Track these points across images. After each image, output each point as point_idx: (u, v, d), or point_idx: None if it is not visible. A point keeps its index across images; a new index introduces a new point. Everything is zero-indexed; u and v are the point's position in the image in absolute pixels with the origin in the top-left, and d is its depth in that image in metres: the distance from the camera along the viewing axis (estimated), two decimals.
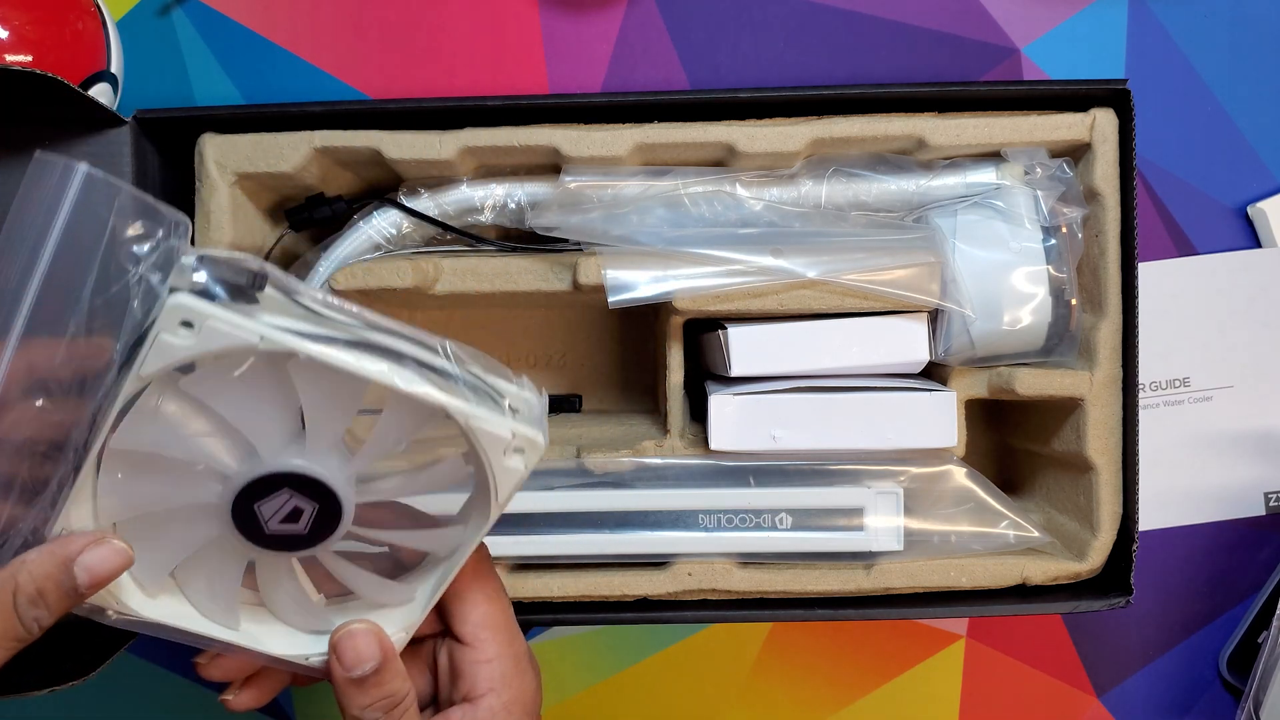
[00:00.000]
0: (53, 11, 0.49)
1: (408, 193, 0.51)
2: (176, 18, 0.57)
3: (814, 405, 0.48)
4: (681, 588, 0.49)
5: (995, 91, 0.48)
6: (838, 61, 0.57)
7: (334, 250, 0.50)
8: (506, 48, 0.57)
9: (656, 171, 0.50)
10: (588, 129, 0.48)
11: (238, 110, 0.49)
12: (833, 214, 0.49)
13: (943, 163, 0.50)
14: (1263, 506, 0.59)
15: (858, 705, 0.60)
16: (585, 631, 0.59)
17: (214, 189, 0.49)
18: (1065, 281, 0.48)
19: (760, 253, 0.47)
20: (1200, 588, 0.59)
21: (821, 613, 0.48)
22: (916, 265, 0.47)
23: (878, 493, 0.48)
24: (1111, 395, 0.48)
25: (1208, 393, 0.58)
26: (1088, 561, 0.49)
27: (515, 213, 0.50)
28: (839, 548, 0.48)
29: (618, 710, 0.60)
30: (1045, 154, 0.49)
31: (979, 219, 0.48)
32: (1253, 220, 0.57)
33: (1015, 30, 0.57)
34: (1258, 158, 0.58)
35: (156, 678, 0.60)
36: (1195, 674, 0.60)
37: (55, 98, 0.45)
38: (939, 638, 0.60)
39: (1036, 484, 0.56)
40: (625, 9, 0.57)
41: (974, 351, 0.49)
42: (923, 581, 0.49)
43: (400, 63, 0.57)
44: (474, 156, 0.49)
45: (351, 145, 0.48)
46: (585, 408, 0.60)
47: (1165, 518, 0.59)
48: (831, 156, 0.50)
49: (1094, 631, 0.60)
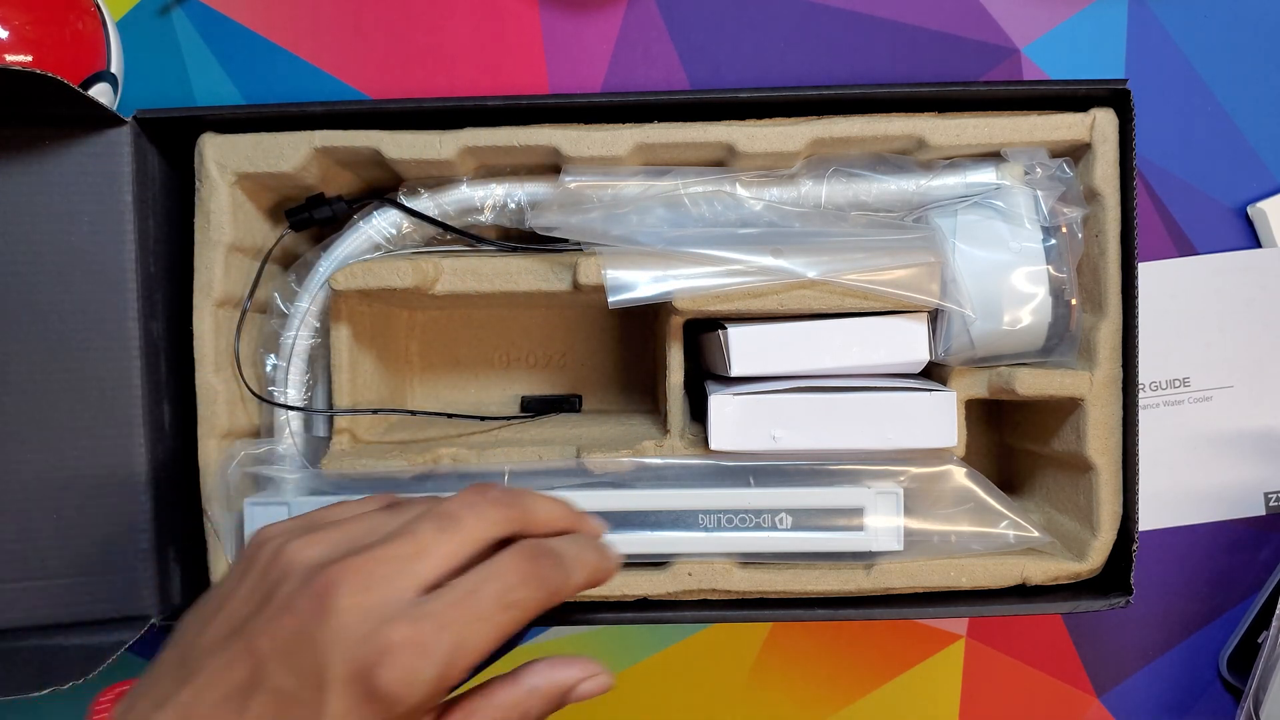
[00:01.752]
0: (53, 11, 0.49)
1: (408, 193, 0.51)
2: (176, 18, 0.57)
3: (814, 405, 0.48)
4: (681, 588, 0.49)
5: (995, 91, 0.48)
6: (838, 61, 0.57)
7: (334, 250, 0.50)
8: (506, 48, 0.57)
9: (656, 171, 0.50)
10: (588, 129, 0.48)
11: (238, 110, 0.49)
12: (833, 214, 0.49)
13: (943, 163, 0.50)
14: (1263, 506, 0.59)
15: (858, 705, 0.60)
16: (585, 631, 0.59)
17: (214, 189, 0.49)
18: (1065, 281, 0.48)
19: (760, 253, 0.47)
20: (1200, 588, 0.59)
21: (821, 613, 0.48)
22: (916, 265, 0.47)
23: (878, 493, 0.48)
24: (1111, 395, 0.48)
25: (1208, 393, 0.58)
26: (1088, 561, 0.49)
27: (515, 213, 0.50)
28: (839, 548, 0.48)
29: (618, 710, 0.60)
30: (1045, 154, 0.49)
31: (979, 219, 0.48)
32: (1253, 220, 0.57)
33: (1015, 30, 0.57)
34: (1258, 158, 0.58)
35: None
36: (1195, 674, 0.60)
37: (55, 98, 0.45)
38: (939, 638, 0.60)
39: (1036, 484, 0.56)
40: (625, 9, 0.57)
41: (974, 351, 0.49)
42: (923, 581, 0.49)
43: (400, 63, 0.57)
44: (474, 156, 0.49)
45: (351, 145, 0.48)
46: (585, 408, 0.60)
47: (1165, 518, 0.59)
48: (831, 156, 0.50)
49: (1094, 631, 0.60)
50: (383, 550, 0.31)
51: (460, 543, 0.32)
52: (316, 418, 0.52)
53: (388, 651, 0.29)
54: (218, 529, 0.49)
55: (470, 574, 0.32)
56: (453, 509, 0.33)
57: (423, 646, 0.29)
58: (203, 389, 0.49)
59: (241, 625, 0.31)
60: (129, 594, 0.48)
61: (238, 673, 0.30)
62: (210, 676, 0.30)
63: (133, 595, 0.48)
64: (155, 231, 0.49)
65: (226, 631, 0.31)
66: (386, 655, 0.29)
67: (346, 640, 0.29)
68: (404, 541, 0.31)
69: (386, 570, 0.31)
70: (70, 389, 0.47)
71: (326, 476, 0.50)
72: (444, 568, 0.31)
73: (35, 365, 0.47)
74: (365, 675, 0.29)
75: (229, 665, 0.30)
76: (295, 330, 0.51)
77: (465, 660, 0.30)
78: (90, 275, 0.47)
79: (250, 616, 0.31)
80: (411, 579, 0.31)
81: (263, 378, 0.52)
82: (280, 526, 0.34)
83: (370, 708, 0.29)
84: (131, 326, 0.48)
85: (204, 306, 0.49)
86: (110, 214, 0.48)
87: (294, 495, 0.48)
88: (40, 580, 0.48)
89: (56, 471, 0.47)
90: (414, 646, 0.29)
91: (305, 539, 0.32)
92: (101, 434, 0.48)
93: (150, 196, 0.49)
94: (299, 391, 0.51)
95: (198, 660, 0.31)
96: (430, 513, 0.33)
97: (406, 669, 0.29)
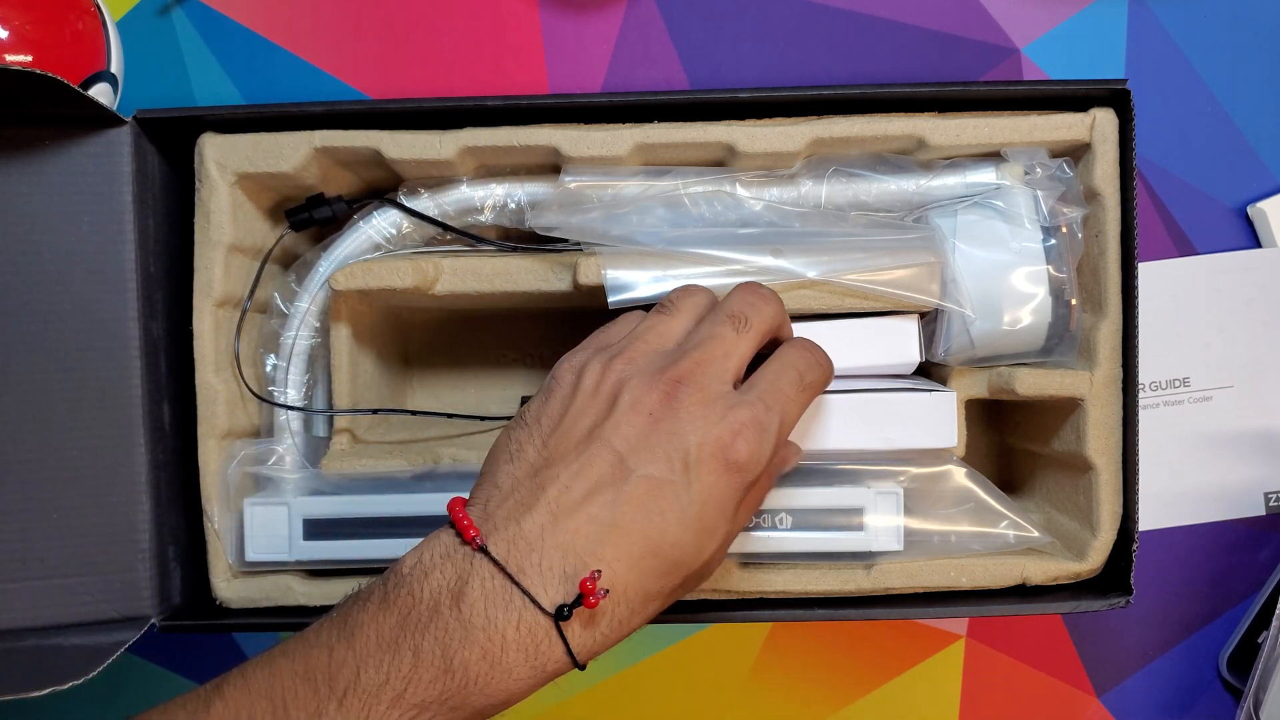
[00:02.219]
0: (53, 11, 0.49)
1: (408, 193, 0.51)
2: (176, 18, 0.57)
3: (812, 406, 0.48)
4: None
5: (995, 91, 0.48)
6: (838, 61, 0.57)
7: (334, 250, 0.50)
8: (506, 48, 0.57)
9: (656, 171, 0.50)
10: (588, 129, 0.48)
11: (238, 110, 0.49)
12: (833, 214, 0.49)
13: (943, 163, 0.50)
14: (1263, 506, 0.59)
15: (858, 705, 0.60)
16: None
17: (214, 189, 0.49)
18: (1065, 281, 0.48)
19: (760, 253, 0.47)
20: (1200, 588, 0.59)
21: (821, 613, 0.48)
22: (916, 265, 0.47)
23: (878, 493, 0.48)
24: (1111, 395, 0.48)
25: (1208, 393, 0.58)
26: (1088, 561, 0.49)
27: (515, 213, 0.50)
28: (839, 548, 0.48)
29: (618, 710, 0.60)
30: (1045, 154, 0.49)
31: (979, 219, 0.48)
32: (1253, 220, 0.57)
33: (1015, 30, 0.57)
34: (1258, 158, 0.58)
35: (156, 677, 0.60)
36: (1195, 674, 0.60)
37: (55, 98, 0.45)
38: (939, 638, 0.60)
39: (1036, 484, 0.56)
40: (625, 9, 0.57)
41: (974, 351, 0.49)
42: (923, 581, 0.49)
43: (400, 63, 0.57)
44: (474, 156, 0.49)
45: (351, 145, 0.48)
46: None
47: (1165, 518, 0.59)
48: (831, 156, 0.50)
49: (1094, 631, 0.60)
50: (701, 354, 0.38)
51: (753, 341, 0.39)
52: (316, 418, 0.52)
53: (738, 432, 0.36)
54: (218, 529, 0.49)
55: (769, 366, 0.40)
56: (740, 310, 0.40)
57: (760, 424, 0.37)
58: (203, 389, 0.49)
59: (591, 430, 0.36)
60: (129, 594, 0.48)
61: (599, 468, 0.35)
62: (571, 477, 0.35)
63: (133, 595, 0.48)
64: (155, 231, 0.49)
65: (577, 439, 0.36)
66: (738, 435, 0.36)
67: (701, 427, 0.36)
68: (715, 343, 0.38)
69: (710, 369, 0.37)
70: (70, 389, 0.47)
71: (326, 476, 0.50)
72: (746, 362, 0.39)
73: (35, 365, 0.47)
74: (725, 451, 0.36)
75: (590, 463, 0.36)
76: (295, 330, 0.51)
77: (786, 433, 0.39)
78: (90, 275, 0.47)
79: (598, 423, 0.36)
80: (729, 374, 0.38)
81: (263, 378, 0.52)
82: (584, 354, 0.39)
83: (731, 476, 0.36)
84: (131, 326, 0.48)
85: (204, 306, 0.49)
86: (110, 214, 0.48)
87: (294, 495, 0.49)
88: (40, 580, 0.48)
89: (56, 471, 0.47)
90: (755, 425, 0.36)
91: (624, 357, 0.38)
92: (101, 434, 0.48)
93: (150, 196, 0.49)
94: (299, 391, 0.51)
95: (552, 468, 0.36)
96: (725, 316, 0.39)
97: (754, 441, 0.36)
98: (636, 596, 0.35)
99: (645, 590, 0.35)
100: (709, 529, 0.36)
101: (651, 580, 0.35)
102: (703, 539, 0.36)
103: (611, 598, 0.34)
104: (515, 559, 0.34)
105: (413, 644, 0.33)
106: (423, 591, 0.34)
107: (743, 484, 0.37)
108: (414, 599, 0.34)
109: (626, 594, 0.35)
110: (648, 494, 0.35)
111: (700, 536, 0.36)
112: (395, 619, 0.34)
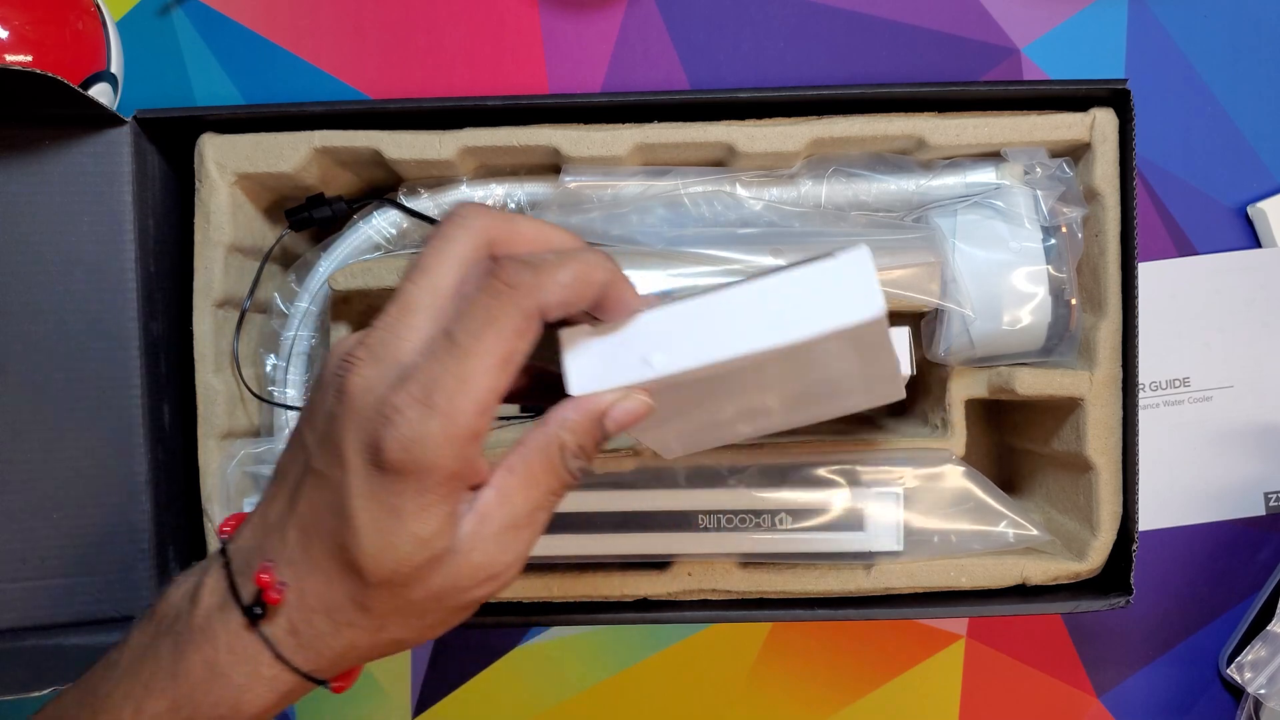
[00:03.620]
0: (53, 11, 0.49)
1: (408, 193, 0.51)
2: (176, 18, 0.57)
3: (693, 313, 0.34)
4: (681, 588, 0.49)
5: (995, 91, 0.48)
6: (838, 61, 0.57)
7: (334, 250, 0.50)
8: (506, 48, 0.57)
9: (656, 171, 0.50)
10: (588, 129, 0.48)
11: (238, 110, 0.49)
12: (833, 214, 0.49)
13: (943, 163, 0.50)
14: (1263, 506, 0.59)
15: (858, 705, 0.60)
16: (585, 631, 0.59)
17: (214, 189, 0.49)
18: (1065, 281, 0.48)
19: (760, 253, 0.47)
20: (1200, 588, 0.59)
21: (821, 613, 0.48)
22: (916, 265, 0.47)
23: (878, 493, 0.48)
24: (1111, 395, 0.48)
25: (1208, 393, 0.58)
26: (1088, 561, 0.49)
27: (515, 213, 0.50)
28: (839, 548, 0.48)
29: (618, 710, 0.60)
30: (1045, 154, 0.49)
31: (979, 219, 0.48)
32: (1253, 220, 0.57)
33: (1015, 30, 0.57)
34: (1258, 158, 0.58)
35: None
36: (1195, 674, 0.60)
37: (55, 98, 0.45)
38: (939, 638, 0.60)
39: (1036, 484, 0.56)
40: (625, 9, 0.57)
41: (974, 351, 0.49)
42: (923, 581, 0.49)
43: (400, 63, 0.57)
44: (474, 156, 0.49)
45: (351, 145, 0.48)
46: None
47: (1165, 518, 0.59)
48: (831, 156, 0.50)
49: (1094, 631, 0.60)
50: (379, 320, 0.30)
51: (434, 276, 0.30)
52: None
53: (390, 416, 0.28)
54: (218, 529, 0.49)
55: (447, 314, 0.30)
56: (425, 251, 0.31)
57: (423, 401, 0.28)
58: (203, 389, 0.49)
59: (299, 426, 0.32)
60: (129, 594, 0.48)
61: (297, 468, 0.31)
62: (280, 480, 0.32)
63: (132, 595, 0.48)
64: (155, 231, 0.49)
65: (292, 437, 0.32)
66: (389, 420, 0.28)
67: (358, 414, 0.29)
68: (392, 305, 0.30)
69: (382, 336, 0.29)
70: (70, 389, 0.47)
71: None
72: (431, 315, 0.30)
73: (35, 365, 0.47)
74: (374, 444, 0.28)
75: (291, 463, 0.31)
76: (295, 330, 0.51)
77: (471, 403, 0.28)
78: (90, 275, 0.47)
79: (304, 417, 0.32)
80: (407, 338, 0.29)
81: (263, 378, 0.52)
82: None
83: (386, 478, 0.28)
84: (131, 326, 0.48)
85: (204, 306, 0.49)
86: (110, 214, 0.48)
87: None
88: (40, 580, 0.48)
89: (56, 471, 0.47)
90: (414, 404, 0.28)
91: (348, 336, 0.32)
92: (101, 434, 0.48)
93: (150, 196, 0.49)
94: (299, 391, 0.52)
95: (277, 469, 0.32)
96: (408, 268, 0.31)
97: (410, 426, 0.28)
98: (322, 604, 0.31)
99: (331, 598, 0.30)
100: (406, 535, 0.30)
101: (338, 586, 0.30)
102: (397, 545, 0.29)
103: (301, 601, 0.30)
104: (240, 557, 0.32)
105: (154, 649, 0.32)
106: (174, 594, 0.33)
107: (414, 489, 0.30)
108: (167, 603, 0.33)
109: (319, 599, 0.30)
110: (315, 496, 0.30)
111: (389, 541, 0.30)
112: (152, 626, 0.32)
